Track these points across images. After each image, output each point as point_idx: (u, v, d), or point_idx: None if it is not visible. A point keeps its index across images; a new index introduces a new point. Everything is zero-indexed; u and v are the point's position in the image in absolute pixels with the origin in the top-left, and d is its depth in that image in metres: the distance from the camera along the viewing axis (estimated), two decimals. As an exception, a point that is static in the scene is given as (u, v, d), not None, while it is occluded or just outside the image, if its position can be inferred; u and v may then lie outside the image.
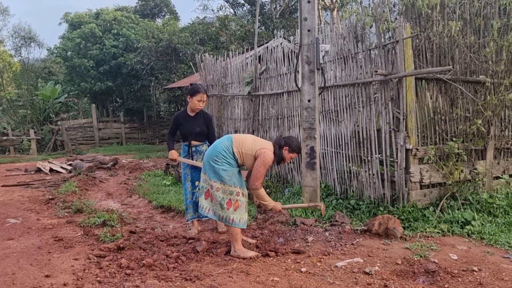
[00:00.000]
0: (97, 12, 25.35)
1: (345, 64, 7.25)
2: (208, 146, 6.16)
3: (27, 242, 5.99)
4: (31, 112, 23.44)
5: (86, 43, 23.36)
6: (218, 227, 6.39)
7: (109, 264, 4.83)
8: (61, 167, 13.68)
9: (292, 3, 23.36)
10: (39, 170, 13.50)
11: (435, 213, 6.13)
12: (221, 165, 5.03)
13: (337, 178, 7.53)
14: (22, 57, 27.70)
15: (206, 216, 5.46)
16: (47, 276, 4.59)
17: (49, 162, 14.55)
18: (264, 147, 5.10)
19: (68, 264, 4.96)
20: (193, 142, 6.39)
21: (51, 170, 13.40)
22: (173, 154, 6.35)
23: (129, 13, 26.73)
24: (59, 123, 22.53)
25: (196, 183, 6.20)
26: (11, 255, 5.36)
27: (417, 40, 6.50)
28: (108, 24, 24.19)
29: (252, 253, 5.04)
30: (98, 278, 4.42)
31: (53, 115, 23.54)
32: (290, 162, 8.75)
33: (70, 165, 13.97)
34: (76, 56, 23.47)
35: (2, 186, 10.89)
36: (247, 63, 10.63)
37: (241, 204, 5.09)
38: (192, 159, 6.34)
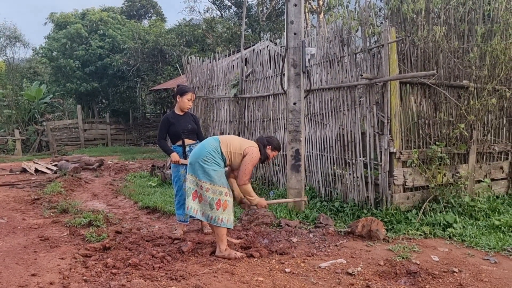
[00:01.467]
0: (83, 12, 25.20)
1: (330, 67, 7.32)
2: None
3: (13, 241, 5.97)
4: (16, 112, 23.24)
5: (72, 43, 23.22)
6: (203, 228, 6.42)
7: (95, 263, 4.84)
8: (47, 168, 13.60)
9: (279, 6, 23.44)
10: (24, 171, 13.41)
11: (418, 215, 6.23)
12: (210, 165, 5.09)
13: (322, 180, 7.60)
14: (7, 56, 27.52)
15: (194, 217, 5.50)
16: (33, 275, 4.59)
17: (34, 162, 14.45)
18: (252, 146, 5.28)
19: (54, 263, 4.97)
20: (187, 141, 6.39)
21: (36, 170, 13.32)
22: (175, 156, 6.28)
23: (115, 13, 26.60)
24: (44, 123, 22.37)
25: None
26: (-4, 255, 5.35)
27: (402, 45, 6.59)
28: (94, 25, 24.07)
29: (237, 254, 5.09)
30: (84, 277, 4.43)
31: (38, 116, 23.37)
32: (275, 164, 8.82)
33: (55, 165, 13.88)
34: (61, 56, 23.31)
35: (-14, 186, 10.80)
36: (233, 66, 10.67)
37: (229, 204, 5.16)
38: (186, 159, 6.34)
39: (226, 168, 5.37)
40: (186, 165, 6.27)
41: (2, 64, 28.89)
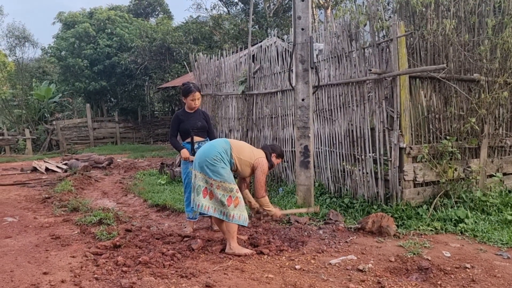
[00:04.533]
0: (91, 11, 25.31)
1: (339, 63, 7.27)
2: None
3: (25, 240, 6.00)
4: (26, 112, 23.41)
5: (80, 42, 23.32)
6: (213, 226, 6.41)
7: (106, 261, 4.86)
8: (57, 167, 13.67)
9: (286, 1, 23.35)
10: (35, 170, 13.50)
11: (429, 211, 6.18)
12: (219, 163, 5.12)
13: (331, 176, 7.57)
14: (16, 56, 27.57)
15: (204, 214, 5.52)
16: (45, 273, 4.61)
17: (44, 161, 14.54)
18: (260, 156, 5.37)
19: (66, 261, 4.98)
20: (196, 138, 6.40)
21: (46, 169, 13.40)
22: (186, 152, 6.32)
23: (122, 12, 26.67)
24: (54, 122, 22.49)
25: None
26: (9, 253, 5.37)
27: (411, 39, 6.53)
28: (102, 24, 24.15)
29: (247, 251, 5.08)
30: (95, 275, 4.44)
31: (48, 115, 23.52)
32: (284, 161, 8.79)
33: (65, 164, 13.97)
34: (70, 55, 23.42)
35: (-2, 185, 10.87)
36: (241, 62, 10.65)
37: (240, 201, 5.17)
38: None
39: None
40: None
41: (12, 64, 28.98)
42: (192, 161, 6.25)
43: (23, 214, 7.70)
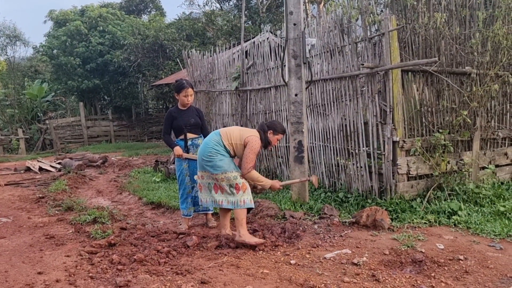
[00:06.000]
0: (82, 9, 25.15)
1: (331, 57, 7.29)
2: (203, 139, 6.18)
3: (19, 240, 5.99)
4: (19, 111, 23.30)
5: (72, 40, 23.19)
6: (208, 223, 6.43)
7: (101, 260, 4.86)
8: (51, 166, 13.63)
9: (279, -3, 23.32)
10: (28, 169, 13.45)
11: (422, 204, 6.21)
12: (216, 157, 5.23)
13: (325, 171, 7.59)
14: (8, 56, 27.41)
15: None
16: (39, 273, 4.61)
17: (38, 161, 14.48)
18: (251, 135, 5.37)
19: (60, 261, 4.98)
20: (189, 135, 6.41)
21: (40, 169, 13.35)
22: (179, 150, 6.32)
23: (114, 9, 26.55)
24: (47, 122, 22.41)
25: (195, 177, 6.16)
26: (3, 253, 5.36)
27: (403, 33, 6.54)
28: (94, 21, 24.02)
29: (257, 240, 5.15)
30: (90, 274, 4.45)
31: (41, 114, 23.42)
32: (279, 156, 8.80)
33: (59, 163, 13.92)
34: (62, 54, 23.29)
35: (-9, 185, 10.83)
36: (234, 58, 10.64)
37: (246, 184, 5.31)
38: (188, 153, 6.37)
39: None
40: (189, 159, 6.31)
41: (3, 63, 28.87)
42: (186, 158, 6.28)
43: (17, 214, 7.68)
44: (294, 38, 6.77)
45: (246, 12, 20.69)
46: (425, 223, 5.76)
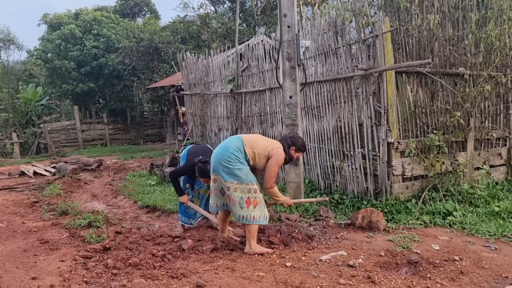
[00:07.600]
0: (76, 12, 25.07)
1: (326, 59, 7.30)
2: None
3: (13, 245, 5.96)
4: (13, 115, 23.18)
5: (66, 44, 23.12)
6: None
7: (96, 264, 4.84)
8: (45, 170, 13.57)
9: (273, -1, 23.34)
10: (23, 174, 13.37)
11: (418, 205, 6.22)
12: (235, 165, 4.97)
13: (321, 173, 7.60)
14: (1, 59, 27.37)
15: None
16: (33, 278, 4.58)
17: (32, 165, 14.43)
18: (276, 147, 5.12)
19: (55, 266, 4.96)
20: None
21: (35, 173, 13.29)
22: (185, 198, 6.13)
23: (108, 13, 26.48)
24: (41, 125, 22.30)
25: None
26: (-4, 259, 5.34)
27: (397, 34, 6.56)
28: (88, 25, 23.96)
29: (267, 250, 5.06)
30: (85, 279, 4.43)
31: (36, 118, 23.33)
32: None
33: (54, 167, 13.87)
34: (56, 57, 23.21)
35: (-15, 190, 10.78)
36: (229, 61, 10.65)
37: (259, 200, 5.06)
38: (193, 185, 6.32)
39: None
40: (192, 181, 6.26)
41: (-3, 67, 28.83)
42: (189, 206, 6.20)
43: (11, 219, 7.64)
44: (288, 40, 6.77)
45: (240, 14, 20.71)
46: (420, 224, 5.77)
